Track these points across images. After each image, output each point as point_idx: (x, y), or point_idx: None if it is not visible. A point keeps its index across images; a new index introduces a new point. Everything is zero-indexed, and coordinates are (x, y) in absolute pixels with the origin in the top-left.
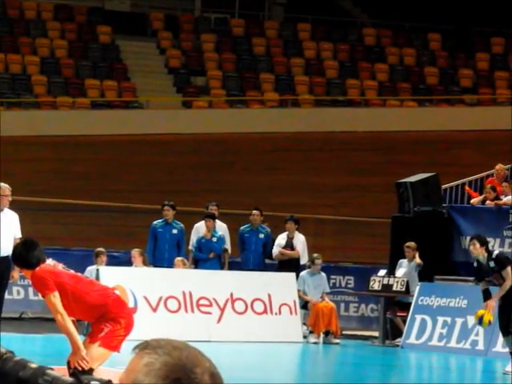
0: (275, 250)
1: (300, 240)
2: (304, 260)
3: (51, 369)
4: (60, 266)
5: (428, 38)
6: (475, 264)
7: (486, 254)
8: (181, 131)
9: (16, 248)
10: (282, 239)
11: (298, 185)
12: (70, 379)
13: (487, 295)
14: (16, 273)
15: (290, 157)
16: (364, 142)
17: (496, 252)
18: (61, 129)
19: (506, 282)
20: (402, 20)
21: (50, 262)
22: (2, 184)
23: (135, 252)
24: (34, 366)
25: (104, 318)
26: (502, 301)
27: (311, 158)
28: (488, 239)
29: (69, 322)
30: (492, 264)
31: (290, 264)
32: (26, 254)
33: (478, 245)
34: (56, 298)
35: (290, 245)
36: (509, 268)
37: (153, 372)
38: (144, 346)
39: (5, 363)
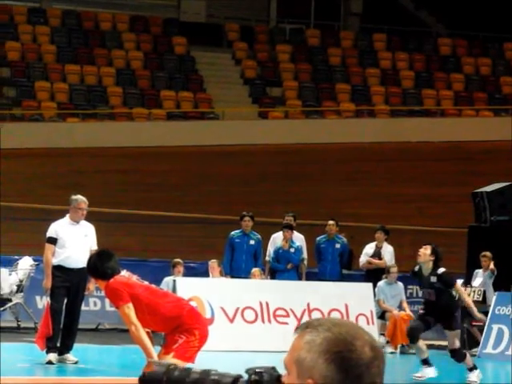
0: (362, 259)
1: (388, 250)
2: None
3: (215, 370)
4: (134, 278)
5: (503, 48)
6: (416, 268)
7: (431, 266)
8: (257, 142)
9: (91, 259)
10: (369, 248)
11: (373, 195)
12: (235, 374)
13: None
14: (92, 285)
15: (365, 167)
16: (440, 152)
17: (442, 270)
18: (137, 140)
19: (464, 298)
20: (477, 30)
21: (124, 273)
22: (79, 197)
23: (213, 263)
24: (198, 370)
25: (178, 329)
26: (426, 309)
27: (387, 169)
28: None
29: (143, 334)
30: (433, 279)
31: (376, 273)
32: (100, 265)
33: (429, 251)
34: (130, 310)
35: (377, 254)
36: (457, 284)
37: (314, 348)
38: (305, 326)
39: (170, 373)
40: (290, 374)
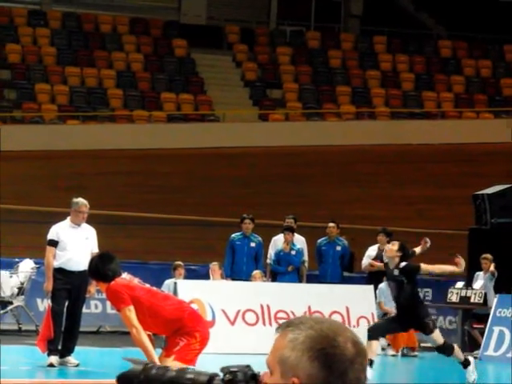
0: (365, 261)
1: None
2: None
3: (192, 369)
4: (135, 281)
5: (504, 50)
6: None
7: (397, 262)
8: (257, 144)
9: (92, 261)
10: (372, 250)
11: (374, 197)
12: (211, 373)
13: None
14: (93, 287)
15: (366, 169)
16: (440, 154)
17: (404, 263)
18: (137, 142)
19: (435, 269)
20: (477, 32)
21: (125, 276)
22: (80, 200)
23: (214, 265)
24: (174, 369)
25: (179, 332)
26: (400, 310)
27: (387, 171)
28: None
29: (144, 336)
30: (396, 273)
31: (378, 276)
32: (101, 267)
33: (396, 247)
34: (131, 312)
35: (380, 257)
36: (423, 265)
37: (298, 346)
38: (287, 325)
39: (148, 371)
40: (273, 374)
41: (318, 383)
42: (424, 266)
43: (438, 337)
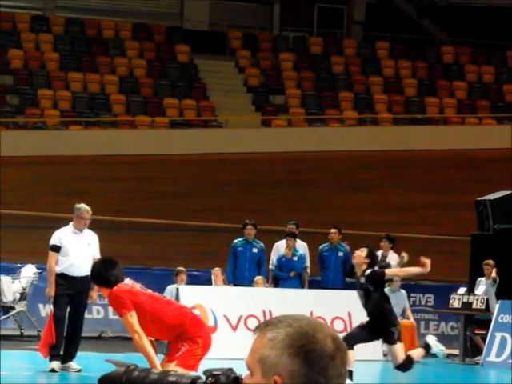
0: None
1: (393, 259)
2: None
3: (174, 371)
4: (138, 286)
5: (507, 56)
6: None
7: (364, 269)
8: (260, 150)
9: (95, 266)
10: None
11: (376, 203)
12: (194, 375)
13: None
14: (95, 293)
15: (368, 175)
16: (443, 160)
17: (369, 271)
18: (139, 148)
19: (399, 273)
20: (480, 37)
21: (127, 281)
22: (83, 206)
23: (216, 271)
24: (156, 371)
25: (181, 337)
26: (370, 319)
27: (390, 177)
28: None
29: (146, 342)
30: (362, 280)
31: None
32: (104, 273)
33: (364, 254)
34: (133, 318)
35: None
36: (387, 271)
37: (277, 344)
38: (265, 325)
39: (130, 374)
40: (253, 375)
41: (300, 380)
42: (389, 271)
43: (400, 350)
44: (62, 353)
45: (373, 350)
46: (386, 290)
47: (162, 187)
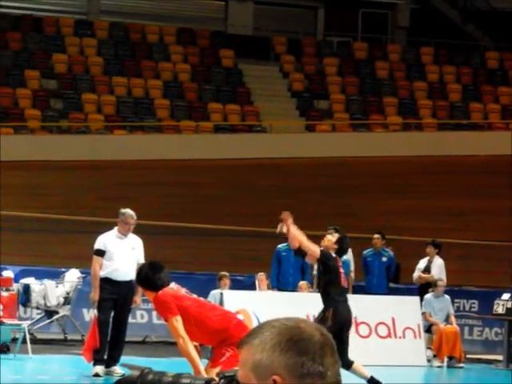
0: (415, 274)
1: (437, 264)
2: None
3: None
4: (183, 291)
5: None
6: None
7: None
8: (304, 155)
9: (142, 269)
10: (422, 263)
11: (421, 208)
12: (207, 377)
13: None
14: (138, 298)
15: (412, 180)
16: (488, 166)
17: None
18: (184, 153)
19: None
20: None
21: (172, 286)
22: (128, 211)
23: (261, 276)
24: (171, 374)
25: (226, 342)
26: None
27: (434, 182)
28: None
29: (190, 347)
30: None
31: (427, 288)
32: (151, 276)
33: (334, 239)
34: (178, 322)
35: (428, 269)
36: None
37: (266, 345)
38: (248, 336)
39: (144, 377)
40: None
41: (298, 372)
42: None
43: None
44: (105, 357)
45: (415, 355)
46: (430, 295)
47: (206, 192)
